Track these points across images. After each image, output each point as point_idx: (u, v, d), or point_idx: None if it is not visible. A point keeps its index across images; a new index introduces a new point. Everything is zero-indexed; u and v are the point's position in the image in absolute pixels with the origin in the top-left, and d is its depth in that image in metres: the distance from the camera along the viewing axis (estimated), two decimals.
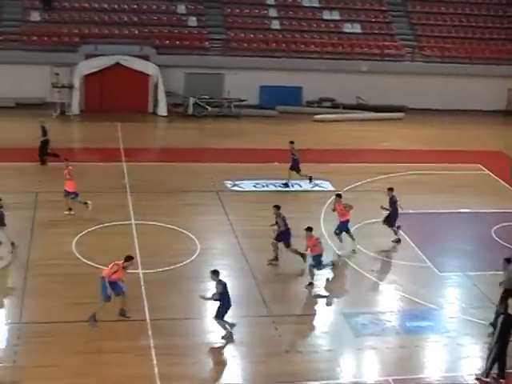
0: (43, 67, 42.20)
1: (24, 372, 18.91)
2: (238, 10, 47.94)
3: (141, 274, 23.94)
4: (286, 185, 32.47)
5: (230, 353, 20.41)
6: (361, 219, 28.03)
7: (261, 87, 45.77)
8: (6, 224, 25.31)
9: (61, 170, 28.79)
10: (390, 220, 27.41)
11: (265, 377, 19.33)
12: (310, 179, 32.66)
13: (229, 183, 32.36)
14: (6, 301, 22.48)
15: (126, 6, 46.12)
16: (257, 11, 48.12)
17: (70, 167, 28.51)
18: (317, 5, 49.18)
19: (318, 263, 24.20)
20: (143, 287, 23.23)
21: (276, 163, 34.58)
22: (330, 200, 29.25)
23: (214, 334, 21.04)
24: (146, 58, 43.23)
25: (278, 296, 23.50)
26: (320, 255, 24.19)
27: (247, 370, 19.71)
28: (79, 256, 24.91)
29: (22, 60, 42.31)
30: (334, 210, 26.83)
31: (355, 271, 25.33)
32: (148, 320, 21.43)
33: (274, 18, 48.14)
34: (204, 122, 42.55)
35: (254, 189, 32.03)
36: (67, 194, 28.31)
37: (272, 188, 32.32)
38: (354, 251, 26.51)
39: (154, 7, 46.67)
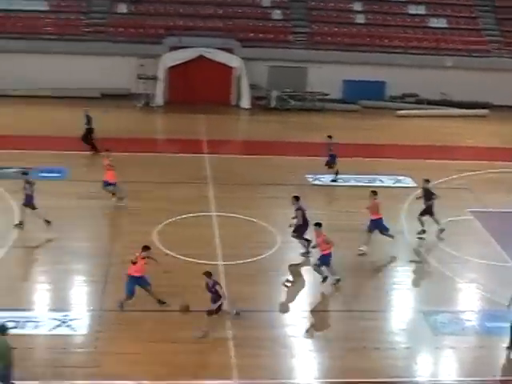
0: (129, 58, 42.85)
1: (105, 358, 19.25)
2: (322, 4, 47.84)
3: (221, 266, 24.13)
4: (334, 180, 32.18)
5: (308, 347, 20.42)
6: (444, 217, 27.68)
7: (344, 81, 45.60)
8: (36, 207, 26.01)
9: (143, 160, 29.19)
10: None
11: (341, 372, 19.28)
12: (336, 174, 32.07)
13: (310, 177, 32.33)
14: (89, 288, 22.94)
15: None
16: (341, 5, 47.92)
17: (110, 158, 28.71)
18: None
19: (323, 263, 23.14)
20: (223, 279, 23.37)
21: None
22: (411, 196, 29.03)
23: (292, 327, 21.12)
24: (229, 50, 43.47)
25: (357, 291, 23.43)
26: (328, 255, 23.10)
27: (324, 365, 19.69)
28: (160, 246, 25.22)
29: (108, 51, 43.02)
30: (367, 208, 25.85)
31: (435, 269, 25.05)
32: (226, 310, 21.55)
33: (359, 11, 47.88)
34: (287, 116, 42.58)
35: (335, 183, 31.92)
36: (107, 184, 28.44)
37: (353, 183, 32.15)
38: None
39: (239, 0, 46.85)
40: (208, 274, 20.36)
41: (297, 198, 25.22)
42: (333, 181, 31.94)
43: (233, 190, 30.52)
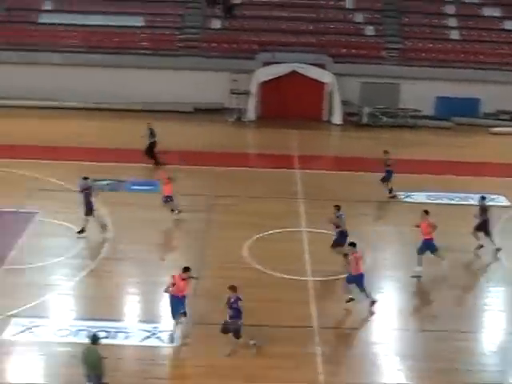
0: (222, 73, 43.20)
1: (193, 371, 19.41)
2: (415, 20, 47.38)
3: (310, 281, 24.03)
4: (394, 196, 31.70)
5: (396, 366, 20.13)
6: None
7: (437, 98, 45.00)
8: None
9: (234, 174, 29.33)
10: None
11: None
12: (390, 192, 31.57)
13: (401, 194, 31.96)
14: None
15: (304, 15, 46.50)
16: (435, 21, 47.41)
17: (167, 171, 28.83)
18: (498, 14, 47.90)
19: (357, 282, 22.48)
20: (311, 294, 23.28)
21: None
22: (505, 215, 28.45)
23: (380, 345, 20.87)
24: (322, 66, 43.43)
25: (446, 310, 22.97)
26: (361, 276, 22.40)
27: None
28: (250, 260, 25.28)
29: (201, 66, 43.48)
30: (417, 226, 25.14)
31: None
32: (315, 327, 21.47)
33: (453, 27, 47.26)
34: (378, 132, 42.23)
35: (427, 201, 31.36)
36: (166, 199, 28.44)
37: (445, 201, 31.64)
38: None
39: (331, 16, 46.85)
40: (233, 289, 20.11)
41: (338, 208, 25.32)
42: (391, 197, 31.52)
43: (323, 205, 30.27)
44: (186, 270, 21.19)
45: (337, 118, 43.42)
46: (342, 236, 25.15)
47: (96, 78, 43.04)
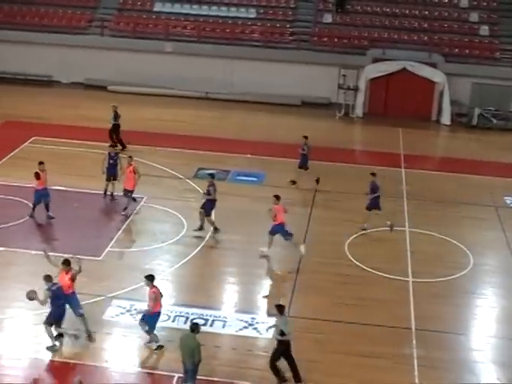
0: (331, 68, 42.98)
1: (286, 363, 19.36)
2: None
3: (410, 282, 23.77)
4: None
5: (495, 374, 19.66)
6: None
7: None
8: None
9: (339, 170, 29.19)
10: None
11: None
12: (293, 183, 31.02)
13: (508, 199, 31.23)
14: (276, 293, 23.20)
15: (416, 12, 45.83)
16: None
17: (134, 164, 27.94)
18: None
19: (279, 232, 24.53)
20: (411, 295, 23.03)
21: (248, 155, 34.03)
22: None
23: (479, 352, 20.52)
24: (433, 65, 42.73)
25: None
26: (281, 225, 24.57)
27: None
28: (351, 257, 25.17)
29: (311, 60, 43.38)
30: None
31: None
32: (413, 329, 21.22)
33: None
34: (488, 135, 41.30)
35: None
36: (126, 192, 27.78)
37: None
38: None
39: (446, 14, 46.01)
40: None
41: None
42: None
43: (428, 206, 29.97)
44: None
45: (446, 119, 42.66)
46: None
47: (207, 68, 43.48)
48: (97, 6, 46.78)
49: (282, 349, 18.51)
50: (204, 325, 20.22)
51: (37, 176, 26.33)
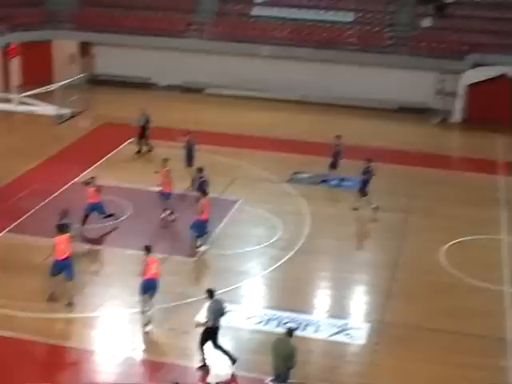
0: (429, 73, 42.50)
1: (379, 371, 19.22)
2: None
3: (507, 292, 23.27)
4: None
5: None
6: None
7: None
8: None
9: (435, 176, 28.81)
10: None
11: None
12: None
13: None
14: (370, 299, 23.04)
15: None
16: None
17: (168, 168, 27.72)
18: None
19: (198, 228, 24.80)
20: (508, 305, 22.54)
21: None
22: None
23: None
24: None
25: None
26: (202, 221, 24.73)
27: None
28: (447, 265, 24.78)
29: (408, 64, 42.93)
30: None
31: None
32: (508, 339, 20.76)
33: None
34: None
35: None
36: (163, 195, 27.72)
37: None
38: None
39: None
40: None
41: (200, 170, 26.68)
42: None
43: None
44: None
45: None
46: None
47: (303, 72, 43.50)
48: (195, 9, 47.32)
49: (206, 333, 18.75)
50: (296, 329, 20.12)
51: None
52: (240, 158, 32.18)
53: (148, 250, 20.84)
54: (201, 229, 25.24)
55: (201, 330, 18.85)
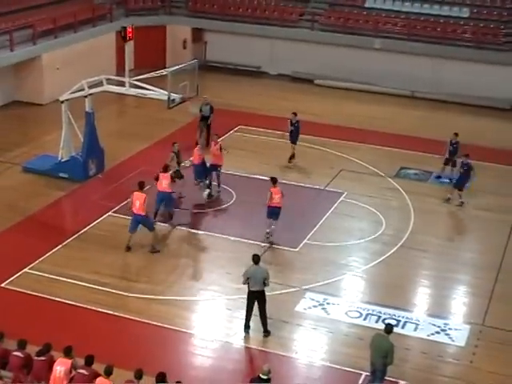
0: None
1: (478, 374, 18.95)
2: None
3: None
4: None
5: None
6: None
7: None
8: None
9: None
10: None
11: None
12: None
13: None
14: (471, 300, 22.66)
15: None
16: None
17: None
18: None
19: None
20: None
21: None
22: None
23: None
24: None
25: None
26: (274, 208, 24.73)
27: None
28: None
29: None
30: None
31: None
32: None
33: None
34: None
35: None
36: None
37: None
38: None
39: None
40: None
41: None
42: None
43: None
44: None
45: None
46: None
47: (414, 67, 42.91)
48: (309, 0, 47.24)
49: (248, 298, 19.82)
50: (396, 326, 19.99)
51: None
52: (347, 150, 31.99)
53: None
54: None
55: None
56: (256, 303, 19.72)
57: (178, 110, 29.05)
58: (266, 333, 19.97)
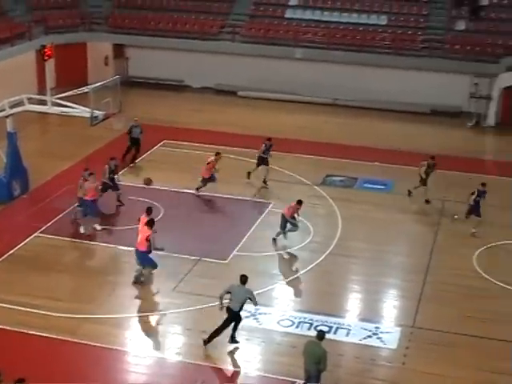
0: (462, 76, 42.19)
1: (410, 376, 19.17)
2: None
3: None
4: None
5: None
6: None
7: None
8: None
9: (468, 180, 28.77)
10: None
11: None
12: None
13: None
14: (401, 303, 22.96)
15: None
16: None
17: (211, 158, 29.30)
18: None
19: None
20: None
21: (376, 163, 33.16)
22: None
23: None
24: None
25: None
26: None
27: None
28: (479, 270, 24.61)
29: (442, 68, 42.64)
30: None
31: None
32: None
33: None
34: None
35: None
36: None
37: None
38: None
39: None
40: None
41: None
42: None
43: None
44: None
45: None
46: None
47: (336, 75, 43.41)
48: (229, 12, 47.38)
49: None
50: (328, 332, 20.13)
51: None
52: (272, 161, 32.14)
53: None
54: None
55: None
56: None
57: (101, 126, 28.88)
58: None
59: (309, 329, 20.81)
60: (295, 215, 25.78)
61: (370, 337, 20.79)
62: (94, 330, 20.66)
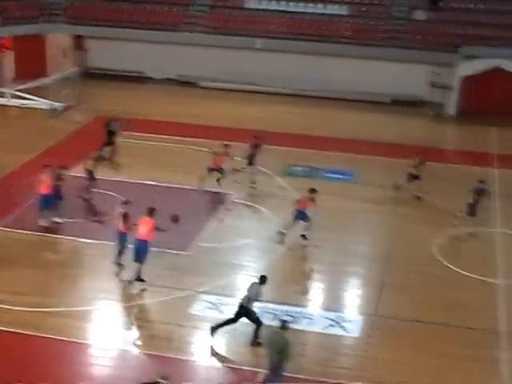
0: (423, 66, 42.51)
1: (374, 363, 19.26)
2: None
3: (500, 284, 23.31)
4: None
5: None
6: None
7: None
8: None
9: (429, 169, 29.02)
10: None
11: None
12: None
13: None
14: (363, 292, 23.11)
15: (510, 8, 44.79)
16: None
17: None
18: None
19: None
20: (501, 297, 22.57)
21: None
22: None
23: None
24: None
25: None
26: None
27: None
28: (439, 257, 24.82)
29: (403, 58, 42.90)
30: None
31: None
32: (502, 332, 20.80)
33: None
34: None
35: None
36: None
37: None
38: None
39: None
40: None
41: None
42: None
43: None
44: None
45: None
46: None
47: (297, 65, 43.48)
48: (190, 3, 47.22)
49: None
50: (291, 322, 20.11)
51: None
52: (233, 151, 32.14)
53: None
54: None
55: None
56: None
57: (61, 118, 28.63)
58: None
59: (272, 319, 20.78)
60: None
61: (332, 326, 20.85)
62: (58, 324, 20.47)
